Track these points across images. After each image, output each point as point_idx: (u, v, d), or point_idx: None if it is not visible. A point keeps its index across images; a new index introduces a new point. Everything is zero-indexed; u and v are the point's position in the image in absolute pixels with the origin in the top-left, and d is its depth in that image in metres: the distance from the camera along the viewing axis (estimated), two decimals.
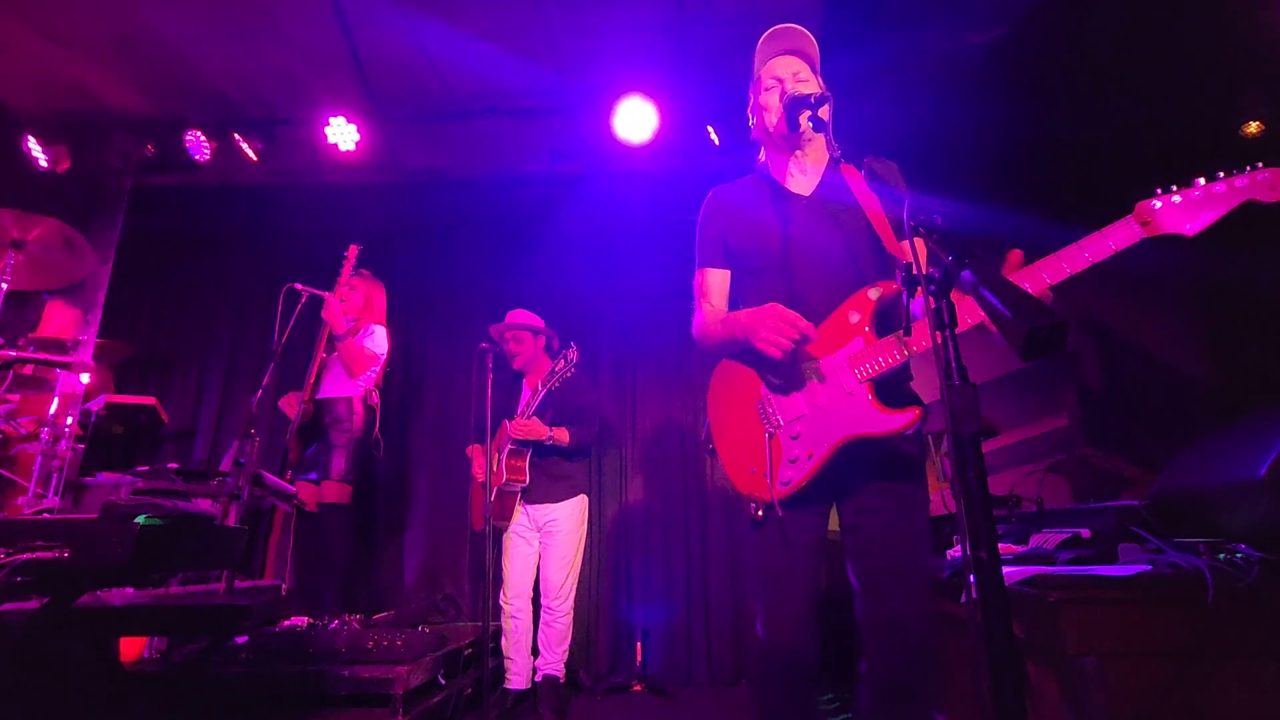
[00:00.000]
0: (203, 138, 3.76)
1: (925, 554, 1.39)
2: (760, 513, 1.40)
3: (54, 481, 2.81)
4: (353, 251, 3.33)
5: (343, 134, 3.72)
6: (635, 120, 3.67)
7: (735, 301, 1.65)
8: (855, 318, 1.37)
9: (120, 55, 3.48)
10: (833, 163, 1.55)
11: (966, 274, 0.83)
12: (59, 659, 1.83)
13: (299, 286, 3.14)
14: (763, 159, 1.67)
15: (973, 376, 0.85)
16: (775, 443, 1.40)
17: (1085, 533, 1.72)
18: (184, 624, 2.27)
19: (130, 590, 2.11)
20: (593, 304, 4.09)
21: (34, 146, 3.73)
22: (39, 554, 1.42)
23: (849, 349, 1.36)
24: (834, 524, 1.48)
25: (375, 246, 4.17)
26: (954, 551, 1.94)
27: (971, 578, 0.85)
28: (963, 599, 1.56)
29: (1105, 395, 3.89)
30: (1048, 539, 1.80)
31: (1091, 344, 3.94)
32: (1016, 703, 0.78)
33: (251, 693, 2.31)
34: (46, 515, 2.33)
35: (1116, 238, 1.22)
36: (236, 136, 3.77)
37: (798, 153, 1.57)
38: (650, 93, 3.61)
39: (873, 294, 1.36)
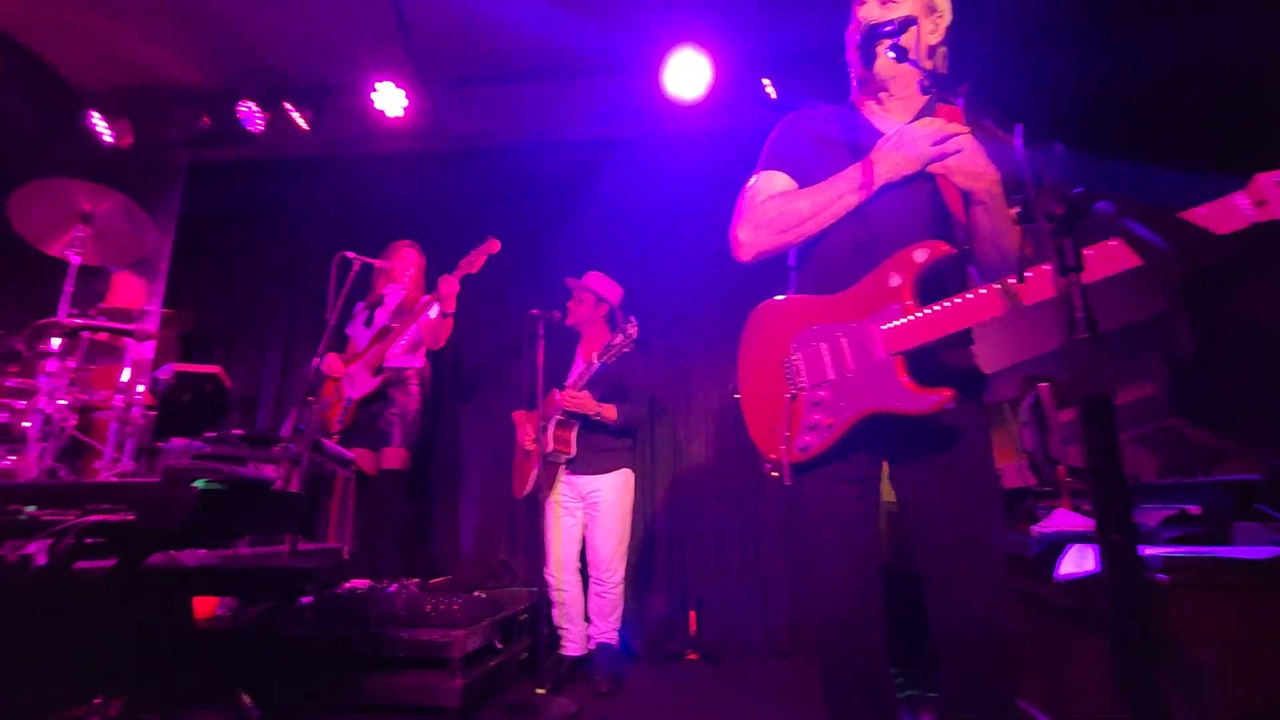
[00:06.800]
0: (255, 108, 3.79)
1: (994, 528, 1.26)
2: (775, 472, 1.33)
3: (128, 447, 2.92)
4: (493, 245, 3.23)
5: (390, 100, 3.68)
6: (686, 76, 3.51)
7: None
8: (895, 281, 1.22)
9: (175, 28, 3.51)
10: (929, 104, 1.38)
11: (1103, 205, 0.70)
12: (133, 616, 1.89)
13: (350, 255, 3.14)
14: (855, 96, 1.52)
15: (1002, 359, 0.73)
16: (797, 405, 1.31)
17: (1193, 509, 1.55)
18: (251, 585, 2.34)
19: (203, 551, 2.17)
20: (644, 271, 3.97)
21: (98, 122, 3.82)
22: (107, 516, 1.45)
23: (883, 315, 1.23)
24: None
25: (421, 214, 4.18)
26: (1039, 527, 1.80)
27: (1078, 563, 0.74)
28: (1058, 579, 1.44)
29: (1197, 362, 3.59)
30: (1147, 515, 1.64)
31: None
32: (1154, 705, 0.67)
33: (316, 653, 2.37)
34: (114, 479, 2.41)
35: (1224, 218, 0.90)
36: (287, 106, 3.78)
37: (882, 94, 1.41)
38: (703, 44, 3.43)
39: (918, 255, 1.21)
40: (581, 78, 3.81)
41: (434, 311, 3.27)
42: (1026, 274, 1.05)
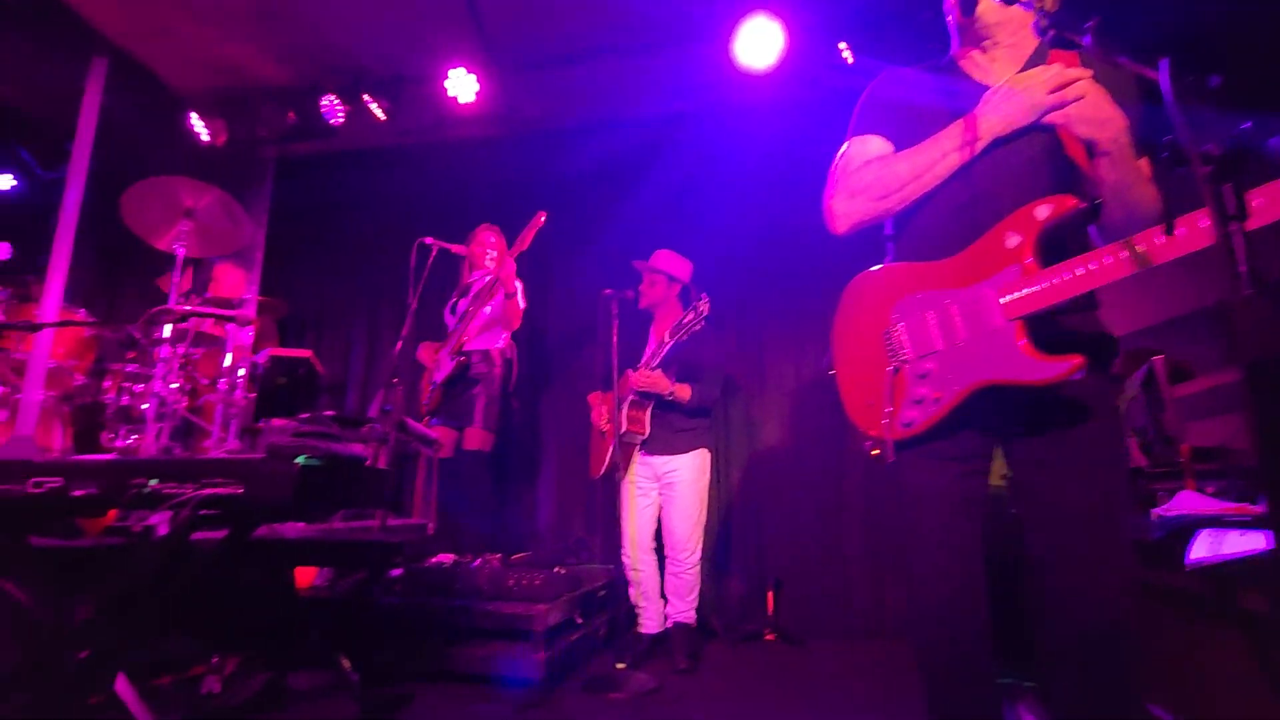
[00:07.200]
0: (336, 101, 3.92)
1: (1124, 513, 1.16)
2: (876, 451, 1.26)
3: (233, 427, 3.12)
4: (539, 219, 3.28)
5: (462, 85, 3.74)
6: (758, 44, 3.40)
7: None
8: (1014, 241, 1.12)
9: (262, 29, 3.66)
10: (1041, 48, 1.26)
11: (1276, 141, 0.61)
12: (244, 584, 2.02)
13: (429, 241, 3.22)
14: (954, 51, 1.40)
15: (1132, 322, 0.64)
16: (900, 379, 1.23)
17: None
18: (346, 557, 2.46)
19: (302, 525, 2.29)
20: (715, 247, 3.90)
21: (196, 122, 4.06)
22: (219, 489, 1.54)
23: (1000, 278, 1.13)
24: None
25: (496, 197, 4.25)
26: (1161, 510, 1.66)
27: (1211, 548, 0.66)
28: (1189, 565, 1.32)
29: None
30: None
31: None
32: None
33: (407, 622, 2.48)
34: (225, 454, 2.58)
35: None
36: (366, 97, 3.89)
37: (986, 43, 1.30)
38: (775, 10, 3.31)
39: (1040, 212, 1.10)
40: (650, 52, 3.74)
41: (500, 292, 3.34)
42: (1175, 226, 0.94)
